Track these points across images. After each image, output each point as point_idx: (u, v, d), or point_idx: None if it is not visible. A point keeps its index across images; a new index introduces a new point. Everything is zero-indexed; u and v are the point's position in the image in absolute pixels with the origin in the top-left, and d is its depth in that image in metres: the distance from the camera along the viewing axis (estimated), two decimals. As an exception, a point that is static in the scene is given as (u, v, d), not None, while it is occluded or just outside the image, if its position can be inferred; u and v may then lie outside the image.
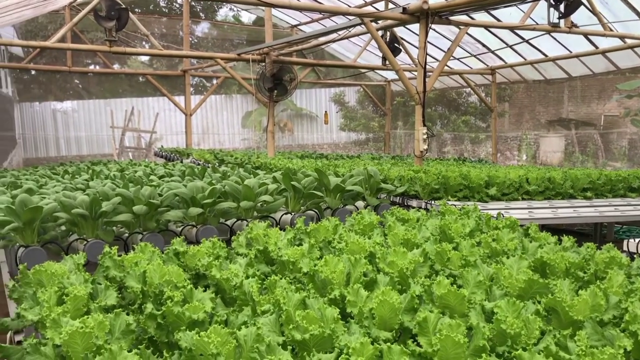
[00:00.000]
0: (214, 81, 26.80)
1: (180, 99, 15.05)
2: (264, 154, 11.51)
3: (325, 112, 15.74)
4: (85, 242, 3.27)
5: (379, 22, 8.61)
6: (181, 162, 10.12)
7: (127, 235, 3.59)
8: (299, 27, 15.06)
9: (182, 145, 16.79)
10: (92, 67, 22.60)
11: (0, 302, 6.79)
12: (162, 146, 14.71)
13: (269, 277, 2.48)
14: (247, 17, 28.07)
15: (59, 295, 2.22)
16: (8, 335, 3.88)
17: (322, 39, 11.28)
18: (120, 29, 9.05)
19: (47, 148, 21.82)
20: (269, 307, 2.08)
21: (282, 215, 3.89)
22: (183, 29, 14.16)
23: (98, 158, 17.35)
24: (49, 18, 19.50)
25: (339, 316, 1.93)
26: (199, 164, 8.96)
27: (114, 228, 3.63)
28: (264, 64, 10.56)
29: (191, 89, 15.12)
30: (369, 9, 9.41)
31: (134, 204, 3.53)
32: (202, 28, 26.80)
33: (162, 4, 26.11)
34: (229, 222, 3.81)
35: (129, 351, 1.77)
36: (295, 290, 2.15)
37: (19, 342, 3.61)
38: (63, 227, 3.62)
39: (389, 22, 8.64)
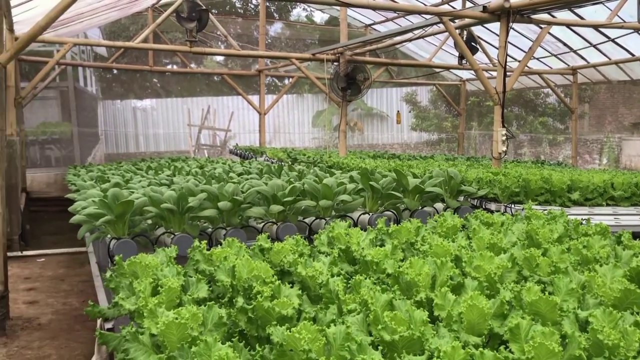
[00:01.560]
0: (286, 81, 27.16)
1: (254, 98, 15.34)
2: (335, 153, 11.56)
3: (398, 111, 15.63)
4: (173, 235, 3.40)
5: (455, 21, 8.47)
6: (255, 160, 10.32)
7: (210, 229, 3.69)
8: (372, 26, 15.01)
9: (254, 143, 17.11)
10: (169, 66, 23.44)
11: (88, 290, 7.14)
12: (237, 144, 15.05)
13: (352, 276, 2.50)
14: (319, 17, 28.30)
15: (154, 286, 2.31)
16: (98, 322, 4.08)
17: (397, 39, 11.20)
18: (201, 30, 9.32)
19: (127, 144, 22.79)
20: (355, 307, 2.09)
21: (360, 215, 3.90)
22: (258, 29, 14.42)
23: (175, 155, 17.94)
24: (130, 19, 20.35)
25: (428, 319, 1.92)
26: (272, 162, 9.11)
27: (198, 222, 3.75)
28: (337, 63, 10.60)
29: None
30: (447, 7, 9.26)
31: (218, 200, 3.63)
32: (276, 28, 27.25)
33: (237, 4, 26.71)
34: (307, 220, 3.85)
35: (222, 343, 1.82)
36: (381, 291, 2.15)
37: (109, 330, 3.79)
38: (149, 221, 3.77)
39: (467, 21, 8.48)
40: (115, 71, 22.53)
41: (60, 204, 12.08)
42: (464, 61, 11.31)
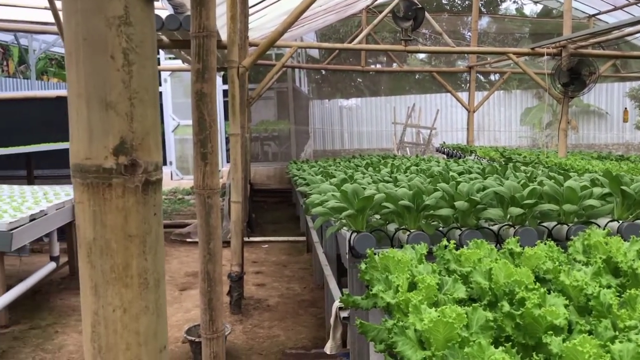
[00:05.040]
0: (491, 77, 26.14)
1: (461, 95, 15.02)
2: (552, 153, 10.85)
3: (625, 109, 14.13)
4: (408, 232, 3.44)
5: None
6: (464, 158, 10.09)
7: (441, 228, 3.67)
8: (597, 16, 13.78)
9: (457, 141, 16.77)
10: (373, 66, 24.03)
11: (306, 277, 7.57)
12: (443, 142, 14.90)
13: (617, 289, 2.30)
14: (529, 9, 26.82)
15: (410, 282, 2.35)
16: (333, 311, 4.28)
17: (629, 29, 10.14)
18: (416, 28, 9.37)
19: (333, 141, 23.87)
20: (635, 323, 1.91)
21: (607, 223, 3.58)
22: (464, 25, 14.08)
23: (377, 152, 18.33)
24: (340, 22, 21.23)
25: None
26: (485, 162, 8.82)
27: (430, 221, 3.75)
28: (558, 57, 9.91)
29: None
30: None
31: (453, 200, 3.59)
32: (482, 23, 26.42)
33: (444, 1, 26.42)
34: (546, 225, 3.64)
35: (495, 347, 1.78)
36: (665, 309, 1.94)
37: (345, 318, 3.95)
38: (377, 216, 3.87)
39: None
40: (323, 72, 23.74)
41: (279, 195, 13.12)
42: None
